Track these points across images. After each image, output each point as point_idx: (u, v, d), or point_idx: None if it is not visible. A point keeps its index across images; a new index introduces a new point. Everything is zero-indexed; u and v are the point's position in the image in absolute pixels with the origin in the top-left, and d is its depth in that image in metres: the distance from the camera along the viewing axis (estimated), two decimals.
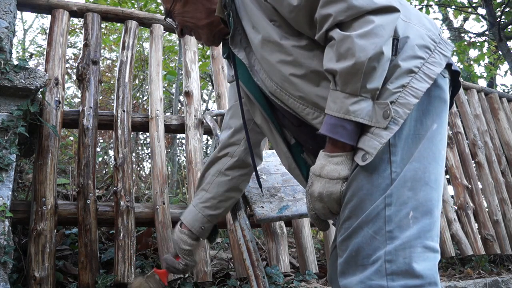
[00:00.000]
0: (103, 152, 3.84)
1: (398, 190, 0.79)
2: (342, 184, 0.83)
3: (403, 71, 0.83)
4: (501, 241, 2.76)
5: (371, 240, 0.79)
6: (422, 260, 0.76)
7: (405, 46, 0.85)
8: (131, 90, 2.00)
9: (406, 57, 0.84)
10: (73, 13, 2.02)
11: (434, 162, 0.83)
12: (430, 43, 0.87)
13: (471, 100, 3.30)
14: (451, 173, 2.81)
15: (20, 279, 1.56)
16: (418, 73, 0.83)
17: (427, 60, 0.85)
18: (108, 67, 6.50)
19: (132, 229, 1.71)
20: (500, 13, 5.00)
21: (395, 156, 0.81)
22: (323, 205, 0.86)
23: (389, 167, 0.81)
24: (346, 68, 0.79)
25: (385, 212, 0.78)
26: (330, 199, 0.84)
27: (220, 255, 2.28)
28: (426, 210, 0.79)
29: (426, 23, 0.92)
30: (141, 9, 4.72)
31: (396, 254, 0.76)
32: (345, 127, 0.81)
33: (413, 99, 0.81)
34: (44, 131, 1.70)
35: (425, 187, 0.80)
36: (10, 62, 1.49)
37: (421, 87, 0.81)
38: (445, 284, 2.14)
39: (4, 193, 1.41)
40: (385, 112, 0.79)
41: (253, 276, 1.32)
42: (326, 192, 0.84)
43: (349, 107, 0.80)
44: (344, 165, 0.83)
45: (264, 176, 1.64)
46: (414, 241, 0.76)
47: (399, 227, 0.77)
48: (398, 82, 0.82)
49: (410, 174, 0.80)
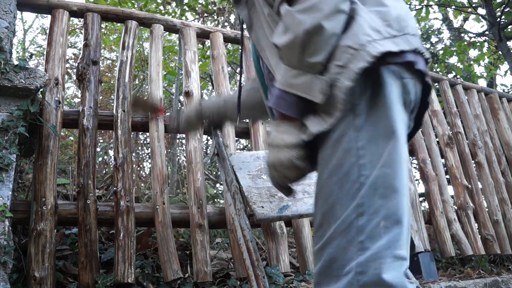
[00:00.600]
0: (103, 152, 3.84)
1: (370, 199, 0.79)
2: (289, 151, 0.86)
3: (343, 50, 0.82)
4: (501, 241, 2.76)
5: (344, 251, 0.78)
6: (391, 269, 0.75)
7: (354, 25, 0.84)
8: (131, 90, 2.00)
9: (349, 36, 0.83)
10: (73, 13, 2.02)
11: (403, 166, 0.82)
12: (383, 28, 0.84)
13: (471, 100, 3.31)
14: (451, 173, 2.81)
15: (20, 279, 1.56)
16: (359, 51, 0.80)
17: (374, 41, 0.81)
18: (108, 67, 6.50)
19: (132, 229, 1.71)
20: (500, 13, 5.00)
21: (364, 159, 0.81)
22: (278, 173, 0.90)
23: (358, 171, 0.80)
24: (285, 42, 0.83)
25: (357, 222, 0.78)
26: (281, 166, 0.88)
27: (220, 255, 2.28)
28: (396, 219, 0.78)
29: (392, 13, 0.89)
30: (141, 9, 4.72)
31: (367, 266, 0.75)
32: (286, 99, 0.85)
33: (347, 82, 0.80)
34: (44, 131, 1.70)
35: (395, 194, 0.79)
36: (10, 62, 1.49)
37: (357, 68, 0.79)
38: (445, 284, 2.14)
39: (4, 193, 1.41)
40: (322, 87, 0.81)
41: (253, 276, 1.32)
42: (276, 160, 0.88)
43: (289, 80, 0.84)
44: (289, 133, 0.87)
45: (264, 176, 1.64)
46: (384, 252, 0.76)
47: (370, 238, 0.77)
48: (337, 62, 0.82)
49: (381, 181, 0.79)
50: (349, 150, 0.82)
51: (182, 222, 1.87)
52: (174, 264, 1.71)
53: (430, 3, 6.14)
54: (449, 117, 3.10)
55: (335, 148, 0.84)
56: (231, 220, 1.88)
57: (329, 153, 0.85)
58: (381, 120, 0.82)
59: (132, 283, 1.62)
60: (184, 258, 2.10)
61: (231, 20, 6.10)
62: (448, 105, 3.14)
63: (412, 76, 0.87)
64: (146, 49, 5.72)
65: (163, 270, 1.70)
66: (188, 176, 1.95)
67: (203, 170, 1.96)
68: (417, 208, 2.46)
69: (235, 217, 1.46)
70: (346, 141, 0.82)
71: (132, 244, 1.68)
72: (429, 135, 2.84)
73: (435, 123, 2.95)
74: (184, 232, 2.53)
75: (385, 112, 0.82)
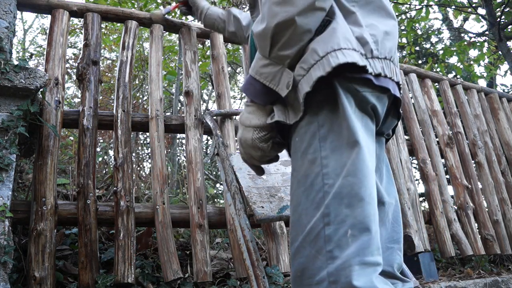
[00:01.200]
0: (103, 152, 3.84)
1: (336, 209, 0.79)
2: (254, 132, 0.92)
3: (311, 53, 0.83)
4: (501, 241, 2.76)
5: (314, 260, 0.79)
6: (361, 276, 0.76)
7: (327, 28, 0.84)
8: (131, 90, 2.00)
9: (321, 40, 0.84)
10: (73, 13, 2.02)
11: (368, 175, 0.82)
12: (355, 42, 0.84)
13: (471, 100, 3.31)
14: (451, 173, 2.81)
15: (20, 279, 1.56)
16: (323, 59, 0.81)
17: (340, 49, 0.81)
18: (108, 67, 6.50)
19: (132, 229, 1.71)
20: (500, 13, 5.00)
21: (327, 168, 0.81)
22: (244, 149, 0.95)
23: (322, 180, 0.81)
24: (258, 32, 0.86)
25: (325, 231, 0.79)
26: (246, 144, 0.94)
27: (220, 255, 2.28)
28: (363, 227, 0.79)
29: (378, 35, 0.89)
30: (141, 9, 4.72)
31: (338, 274, 0.76)
32: (254, 86, 0.90)
33: (306, 88, 0.82)
34: (44, 131, 1.70)
35: (361, 203, 0.79)
36: (10, 62, 1.49)
37: (315, 76, 0.81)
38: (445, 284, 2.14)
39: (4, 193, 1.42)
40: (288, 82, 0.85)
41: (253, 276, 1.32)
42: (242, 138, 0.94)
43: (259, 68, 0.88)
44: (255, 115, 0.92)
45: (264, 176, 1.64)
46: (353, 260, 0.76)
47: (339, 247, 0.77)
48: (302, 64, 0.84)
49: (346, 190, 0.79)
50: (314, 160, 0.83)
51: (182, 222, 1.87)
52: (174, 264, 1.71)
53: (430, 3, 6.14)
54: (449, 117, 3.10)
55: (303, 159, 0.85)
56: (231, 220, 1.88)
57: (299, 164, 0.86)
58: (343, 130, 0.83)
59: (132, 283, 1.62)
60: (184, 258, 2.10)
61: None
62: (448, 105, 3.14)
63: (373, 90, 0.87)
64: (146, 49, 5.72)
65: (163, 270, 1.70)
66: (188, 176, 1.95)
67: (203, 170, 1.96)
68: (417, 208, 2.46)
69: (235, 217, 1.46)
70: (311, 152, 0.84)
71: (132, 244, 1.68)
72: (429, 135, 2.84)
73: (435, 123, 2.95)
74: (184, 232, 2.53)
75: (345, 122, 0.83)
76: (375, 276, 0.78)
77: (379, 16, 0.93)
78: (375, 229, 0.81)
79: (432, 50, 7.58)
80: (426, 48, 7.68)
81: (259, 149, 0.93)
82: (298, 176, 0.86)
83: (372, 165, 0.85)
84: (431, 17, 9.54)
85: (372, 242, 0.79)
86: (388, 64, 0.89)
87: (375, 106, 0.88)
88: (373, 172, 0.85)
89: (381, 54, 0.88)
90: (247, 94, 0.92)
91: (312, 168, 0.82)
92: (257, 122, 0.92)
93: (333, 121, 0.84)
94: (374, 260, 0.78)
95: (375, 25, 0.90)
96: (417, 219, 2.40)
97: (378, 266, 0.80)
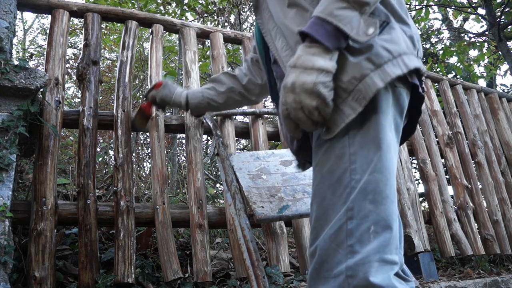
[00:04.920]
0: (103, 152, 3.84)
1: (360, 204, 0.79)
2: (318, 76, 0.78)
3: (380, 50, 0.83)
4: (500, 241, 2.76)
5: (334, 253, 0.79)
6: (379, 273, 0.76)
7: (390, 30, 0.86)
8: (131, 90, 2.00)
9: (388, 39, 0.85)
10: (73, 13, 2.02)
11: (392, 173, 0.83)
12: (410, 45, 0.89)
13: (471, 100, 3.31)
14: (451, 173, 2.81)
15: (20, 279, 1.56)
16: (396, 58, 0.83)
17: (406, 53, 0.85)
18: (108, 67, 6.50)
19: (132, 229, 1.71)
20: (500, 13, 5.00)
21: (355, 164, 0.81)
22: (294, 96, 0.79)
23: (349, 175, 0.81)
24: None
25: (347, 225, 0.79)
26: (302, 89, 0.79)
27: (220, 255, 2.28)
28: (386, 225, 0.79)
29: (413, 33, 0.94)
30: (141, 9, 4.72)
31: (357, 269, 0.76)
32: (325, 27, 0.79)
33: (380, 83, 0.80)
34: (44, 131, 1.70)
35: (385, 200, 0.80)
36: (11, 62, 1.49)
37: (393, 73, 0.81)
38: (445, 284, 2.14)
39: (5, 193, 1.42)
40: (368, 27, 0.80)
41: (253, 276, 1.33)
42: (298, 81, 0.79)
43: (334, 10, 0.79)
44: (320, 56, 0.79)
45: (264, 176, 1.64)
46: (373, 256, 0.77)
47: (360, 242, 0.78)
48: (374, 58, 0.82)
49: (372, 187, 0.80)
50: (341, 156, 0.83)
51: (182, 222, 1.87)
52: (174, 264, 1.71)
53: (430, 3, 6.14)
54: (449, 117, 3.10)
55: (328, 154, 0.85)
56: (231, 220, 1.88)
57: (323, 158, 0.86)
58: (372, 127, 0.83)
59: (132, 283, 1.62)
60: (184, 258, 2.10)
61: (231, 20, 6.10)
62: (448, 105, 3.14)
63: (405, 86, 0.89)
64: (146, 49, 5.72)
65: (163, 270, 1.70)
66: (188, 176, 1.95)
67: (203, 170, 1.96)
68: (417, 208, 2.46)
69: (235, 217, 1.46)
70: (339, 147, 0.84)
71: (132, 244, 1.68)
72: (429, 135, 2.84)
73: (435, 123, 2.95)
74: (184, 232, 2.53)
75: (376, 120, 0.83)
76: (392, 274, 0.78)
77: (408, 15, 0.96)
78: (396, 228, 0.81)
79: (432, 50, 7.57)
80: (426, 48, 7.68)
81: (318, 97, 0.78)
82: (322, 171, 0.85)
83: (396, 164, 0.86)
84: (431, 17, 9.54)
85: (392, 240, 0.79)
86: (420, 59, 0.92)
87: (406, 102, 0.90)
88: (395, 172, 0.86)
89: (420, 53, 0.92)
90: (313, 33, 0.79)
91: (340, 163, 0.82)
92: (323, 64, 0.78)
93: (364, 117, 0.83)
94: (392, 258, 0.79)
95: (413, 25, 0.94)
96: (417, 219, 2.40)
97: (395, 265, 0.80)
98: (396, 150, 0.87)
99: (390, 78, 0.80)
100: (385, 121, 0.83)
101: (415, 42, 0.91)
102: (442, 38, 8.40)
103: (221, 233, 2.79)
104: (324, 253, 0.80)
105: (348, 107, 0.81)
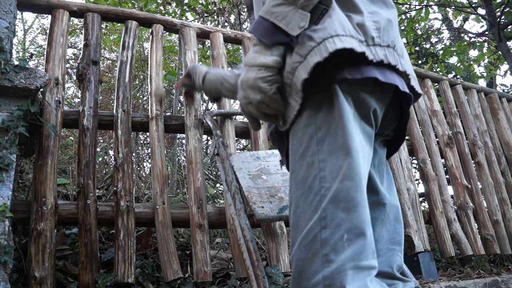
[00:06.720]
0: (103, 152, 3.84)
1: (332, 212, 0.79)
2: (258, 72, 0.84)
3: (306, 39, 0.83)
4: (500, 241, 2.76)
5: (310, 263, 0.79)
6: (355, 280, 0.76)
7: (326, 19, 0.85)
8: (131, 90, 2.00)
9: (316, 29, 0.84)
10: (73, 13, 2.02)
11: (364, 178, 0.83)
12: (352, 30, 0.85)
13: (471, 100, 3.31)
14: (451, 173, 2.81)
15: (20, 279, 1.56)
16: (319, 45, 0.82)
17: (332, 35, 0.82)
18: (108, 67, 6.51)
19: (132, 229, 1.71)
20: (500, 13, 5.00)
21: (324, 172, 0.82)
22: (243, 93, 0.87)
23: (319, 183, 0.82)
24: None
25: (321, 235, 0.79)
26: (246, 85, 0.86)
27: (220, 255, 2.28)
28: (359, 232, 0.79)
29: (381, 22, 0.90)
30: (141, 9, 4.72)
31: (333, 278, 0.76)
32: (263, 25, 0.85)
33: (304, 74, 0.81)
34: (44, 131, 1.70)
35: (357, 207, 0.80)
36: (11, 62, 1.49)
37: (311, 62, 0.81)
38: (445, 284, 2.14)
39: (5, 193, 1.42)
40: (301, 20, 0.83)
41: (253, 276, 1.33)
42: (244, 78, 0.87)
43: (270, 8, 0.85)
44: (261, 53, 0.86)
45: (264, 176, 1.64)
46: (348, 264, 0.77)
47: (335, 250, 0.78)
48: (300, 50, 0.83)
49: (343, 194, 0.80)
50: (312, 164, 0.83)
51: (182, 222, 1.87)
52: (174, 264, 1.71)
53: (430, 3, 6.14)
54: (449, 117, 3.10)
55: (302, 162, 0.85)
56: (231, 220, 1.88)
57: (298, 166, 0.86)
58: (340, 133, 0.82)
59: (132, 283, 1.62)
60: (184, 258, 2.10)
61: (231, 20, 6.10)
62: (448, 105, 3.15)
63: (373, 90, 0.87)
64: (146, 49, 5.73)
65: (163, 270, 1.70)
66: (188, 176, 1.95)
67: (203, 170, 1.96)
68: (417, 208, 2.46)
69: (235, 217, 1.46)
70: (309, 155, 0.84)
71: (132, 244, 1.68)
72: (429, 135, 2.84)
73: (435, 123, 2.95)
74: (184, 232, 2.53)
75: (342, 125, 0.82)
76: (369, 280, 0.78)
77: (381, 3, 0.94)
78: (370, 233, 0.81)
79: (432, 50, 7.58)
80: (426, 48, 7.68)
81: (259, 91, 0.85)
82: (296, 179, 0.86)
83: (367, 170, 0.86)
84: (431, 17, 9.55)
85: (367, 246, 0.79)
86: (392, 52, 0.89)
87: (375, 108, 0.88)
88: (366, 177, 0.86)
89: (383, 41, 0.88)
90: (254, 33, 0.87)
91: (310, 171, 0.83)
92: (263, 60, 0.85)
93: (330, 123, 0.83)
94: (368, 264, 0.79)
95: (378, 12, 0.91)
96: (417, 219, 2.40)
97: (373, 270, 0.80)
98: (366, 154, 0.86)
99: (309, 67, 0.81)
100: (350, 126, 0.83)
101: (367, 29, 0.86)
102: (442, 38, 8.40)
103: (221, 233, 2.79)
104: (302, 263, 0.81)
105: (292, 100, 0.86)
